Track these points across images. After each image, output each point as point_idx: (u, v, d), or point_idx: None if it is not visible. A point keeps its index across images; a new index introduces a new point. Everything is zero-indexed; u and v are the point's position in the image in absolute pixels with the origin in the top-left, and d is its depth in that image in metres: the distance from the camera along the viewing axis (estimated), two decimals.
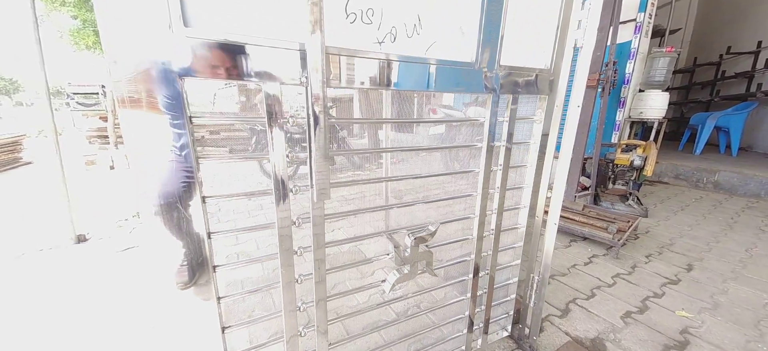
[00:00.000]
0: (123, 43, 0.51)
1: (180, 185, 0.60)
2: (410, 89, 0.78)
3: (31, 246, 2.40)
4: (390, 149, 1.58)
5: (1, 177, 5.09)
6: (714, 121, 5.03)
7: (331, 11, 0.65)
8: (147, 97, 0.54)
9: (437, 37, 0.78)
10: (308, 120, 0.64)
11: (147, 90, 0.54)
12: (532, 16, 0.91)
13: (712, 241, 2.39)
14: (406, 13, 0.73)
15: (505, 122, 0.97)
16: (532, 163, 1.10)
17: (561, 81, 1.01)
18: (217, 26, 0.56)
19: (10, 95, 41.87)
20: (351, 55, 0.69)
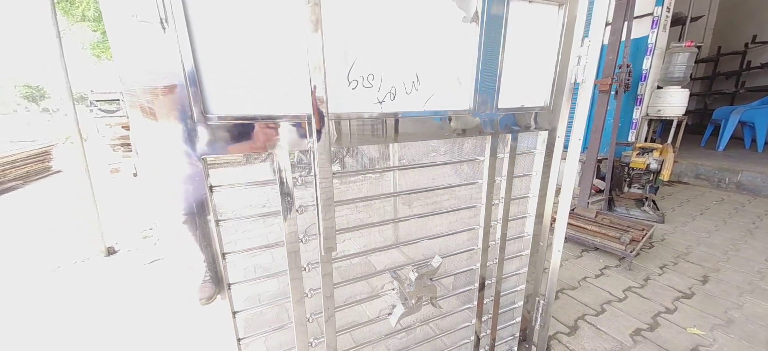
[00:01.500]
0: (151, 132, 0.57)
1: (195, 211, 0.65)
2: (410, 140, 0.82)
3: (66, 258, 2.59)
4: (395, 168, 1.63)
5: (33, 186, 5.42)
6: (738, 116, 4.81)
7: (334, 80, 0.70)
8: (172, 174, 0.60)
9: (435, 89, 0.82)
10: (315, 179, 0.69)
11: (173, 169, 0.60)
12: (530, 57, 0.93)
13: (730, 250, 2.33)
14: (404, 73, 0.77)
15: (505, 158, 0.99)
16: (535, 193, 1.12)
17: (562, 117, 1.02)
18: (234, 110, 0.62)
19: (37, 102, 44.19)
20: (353, 117, 0.73)
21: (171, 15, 0.52)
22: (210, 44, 0.58)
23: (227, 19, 0.58)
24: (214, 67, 0.59)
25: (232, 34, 0.59)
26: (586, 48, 0.94)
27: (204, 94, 0.59)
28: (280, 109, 0.67)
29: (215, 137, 0.61)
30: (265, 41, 0.62)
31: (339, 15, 0.67)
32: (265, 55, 0.63)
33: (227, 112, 0.62)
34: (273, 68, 0.64)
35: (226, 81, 0.61)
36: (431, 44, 0.78)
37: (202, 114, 0.59)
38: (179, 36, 0.53)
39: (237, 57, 0.61)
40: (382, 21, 0.71)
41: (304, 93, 0.67)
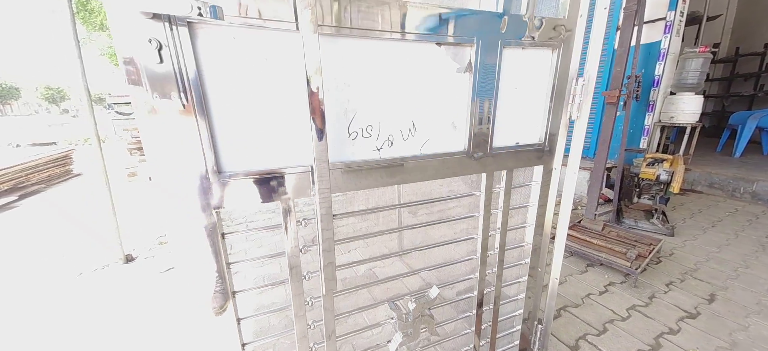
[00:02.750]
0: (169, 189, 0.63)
1: (208, 255, 0.71)
2: (408, 182, 0.87)
3: (88, 265, 2.73)
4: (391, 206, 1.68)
5: (55, 190, 5.68)
6: (755, 122, 4.67)
7: (335, 133, 0.75)
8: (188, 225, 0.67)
9: (431, 134, 0.87)
10: (318, 225, 0.75)
11: (188, 220, 0.67)
12: (524, 98, 0.96)
13: (740, 266, 2.29)
14: (401, 122, 0.82)
15: (500, 192, 1.03)
16: (532, 222, 1.15)
17: (557, 152, 1.05)
18: (245, 166, 0.68)
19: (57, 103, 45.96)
20: (353, 166, 0.79)
21: (190, 93, 0.58)
22: (224, 114, 0.64)
23: (238, 92, 0.64)
24: (227, 133, 0.65)
25: (243, 103, 0.65)
26: (581, 87, 0.97)
27: (218, 156, 0.65)
28: (286, 163, 0.72)
29: (228, 192, 0.67)
30: (271, 106, 0.68)
31: (340, 76, 0.72)
32: (272, 118, 0.69)
33: (239, 168, 0.68)
34: (279, 128, 0.70)
35: (238, 143, 0.67)
36: (426, 94, 0.83)
37: (216, 172, 0.65)
38: (197, 110, 0.59)
39: (247, 121, 0.67)
40: (380, 77, 0.76)
41: (307, 147, 0.72)
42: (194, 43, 0.57)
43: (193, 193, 0.64)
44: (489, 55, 0.84)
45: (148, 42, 0.52)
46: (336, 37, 0.69)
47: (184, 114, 0.59)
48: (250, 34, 0.62)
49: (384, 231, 0.94)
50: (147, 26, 0.52)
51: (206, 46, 0.59)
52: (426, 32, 0.75)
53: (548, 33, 0.89)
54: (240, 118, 0.66)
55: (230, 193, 0.68)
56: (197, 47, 0.58)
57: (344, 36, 0.70)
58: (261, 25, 0.61)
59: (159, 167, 0.61)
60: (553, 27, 0.89)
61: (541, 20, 0.86)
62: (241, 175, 0.68)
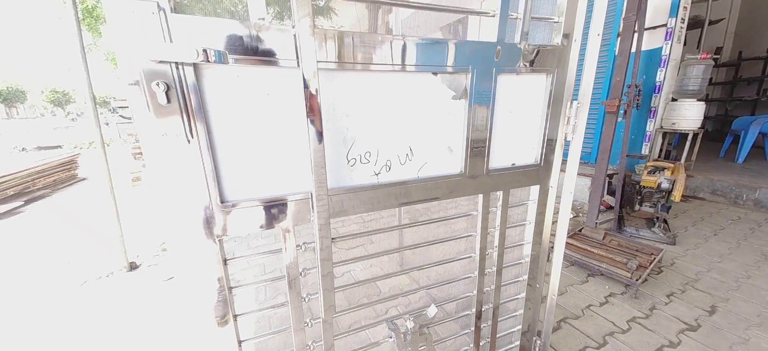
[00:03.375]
0: (173, 218, 0.66)
1: (210, 280, 0.73)
2: (405, 205, 0.89)
3: (92, 272, 2.77)
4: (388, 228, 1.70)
5: (61, 194, 5.74)
6: (758, 127, 4.65)
7: (334, 161, 0.77)
8: (191, 252, 0.69)
9: (427, 158, 0.89)
10: (317, 251, 0.77)
11: (191, 246, 0.69)
12: (519, 120, 0.98)
13: (742, 277, 2.28)
14: (399, 147, 0.84)
15: (497, 211, 1.05)
16: (529, 240, 1.16)
17: (554, 172, 1.07)
18: (246, 194, 0.71)
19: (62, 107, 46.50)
20: (352, 191, 0.81)
21: (195, 129, 0.61)
22: (227, 147, 0.66)
23: (241, 125, 0.67)
24: (230, 164, 0.68)
25: (246, 135, 0.68)
26: (575, 110, 0.99)
27: (221, 186, 0.68)
28: (287, 190, 0.75)
29: (230, 221, 0.70)
30: (273, 138, 0.71)
31: (339, 106, 0.75)
32: (273, 148, 0.71)
33: (241, 197, 0.70)
34: (280, 158, 0.73)
35: (241, 173, 0.69)
36: (423, 120, 0.85)
37: (219, 202, 0.67)
38: (201, 144, 0.62)
39: (249, 152, 0.69)
40: (378, 106, 0.79)
41: (306, 174, 0.75)
42: (199, 84, 0.60)
43: (197, 222, 0.67)
44: (484, 82, 0.86)
45: (155, 85, 0.55)
46: (336, 71, 0.72)
47: (189, 148, 0.62)
48: (253, 71, 0.64)
49: (384, 252, 0.96)
50: (155, 70, 0.54)
51: (211, 86, 0.61)
52: (422, 63, 0.78)
53: (542, 59, 0.91)
54: (243, 150, 0.68)
55: (233, 222, 0.70)
56: (202, 87, 0.60)
57: (343, 70, 0.72)
58: (264, 63, 0.64)
59: (164, 198, 0.63)
60: (546, 54, 0.91)
61: (535, 48, 0.88)
62: (243, 203, 0.70)
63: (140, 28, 0.52)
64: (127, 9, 0.51)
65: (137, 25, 0.51)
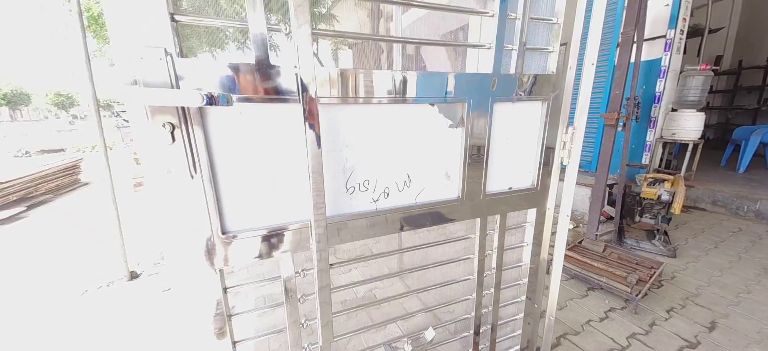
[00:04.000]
0: (175, 248, 0.68)
1: (210, 308, 0.75)
2: (403, 230, 0.90)
3: (93, 282, 2.78)
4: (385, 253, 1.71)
5: (63, 199, 5.77)
6: (759, 137, 4.65)
7: (333, 189, 0.79)
8: (193, 283, 0.71)
9: (425, 184, 0.90)
10: (315, 274, 0.78)
11: (193, 278, 0.71)
12: (516, 145, 1.00)
13: (742, 292, 2.28)
14: (397, 175, 0.86)
15: (495, 233, 1.06)
16: (526, 261, 1.17)
17: (551, 195, 1.08)
18: (248, 225, 0.72)
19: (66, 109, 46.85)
20: (350, 218, 0.82)
21: (199, 165, 0.62)
22: (229, 179, 0.68)
23: (243, 158, 0.69)
24: (232, 195, 0.70)
25: (247, 167, 0.70)
26: (571, 135, 1.00)
27: (223, 217, 0.69)
28: (286, 219, 0.76)
29: (231, 251, 0.71)
30: (273, 169, 0.72)
31: (339, 138, 0.77)
32: (274, 179, 0.73)
33: (242, 227, 0.72)
34: (280, 188, 0.74)
35: (242, 203, 0.71)
36: (421, 148, 0.87)
37: (221, 233, 0.69)
38: (204, 179, 0.64)
39: (251, 184, 0.71)
40: (377, 137, 0.81)
41: (306, 203, 0.76)
42: (204, 123, 0.62)
43: (199, 254, 0.68)
44: (481, 111, 0.88)
45: (161, 126, 0.57)
46: (336, 105, 0.74)
47: (192, 182, 0.64)
48: (256, 108, 0.66)
49: (383, 276, 0.97)
50: (162, 112, 0.56)
51: (215, 124, 0.63)
52: (421, 95, 0.80)
53: (538, 87, 0.93)
54: (244, 181, 0.70)
55: (233, 252, 0.72)
56: (207, 126, 0.62)
57: (344, 104, 0.74)
58: (266, 100, 0.66)
59: (167, 229, 0.65)
60: (542, 82, 0.93)
61: (530, 77, 0.90)
62: (244, 233, 0.72)
63: (148, 74, 0.54)
64: (135, 55, 0.53)
65: (145, 70, 0.54)
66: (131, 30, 0.53)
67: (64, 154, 11.68)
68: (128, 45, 0.52)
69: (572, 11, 0.89)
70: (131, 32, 0.53)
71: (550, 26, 0.94)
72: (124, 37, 0.52)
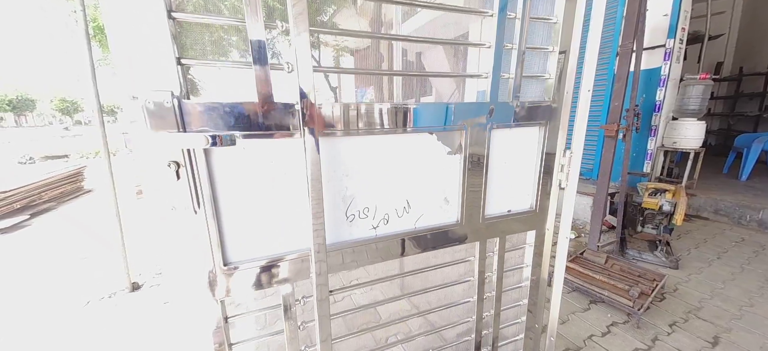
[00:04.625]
0: (178, 281, 0.69)
1: (210, 336, 0.77)
2: (402, 256, 0.91)
3: (95, 292, 2.79)
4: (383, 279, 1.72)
5: (67, 207, 5.80)
6: (761, 145, 4.64)
7: (333, 218, 0.81)
8: (194, 312, 0.72)
9: (424, 210, 0.92)
10: (314, 303, 0.79)
11: (195, 307, 0.72)
12: (514, 169, 1.01)
13: (745, 305, 2.26)
14: (396, 201, 0.87)
15: (494, 256, 1.07)
16: (527, 277, 1.18)
17: (549, 216, 1.09)
18: (249, 255, 0.74)
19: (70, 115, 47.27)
20: (349, 246, 0.84)
21: (202, 200, 0.64)
22: (232, 212, 0.70)
23: (245, 191, 0.70)
24: (234, 228, 0.71)
25: (249, 200, 0.71)
26: (568, 158, 1.01)
27: (225, 249, 0.71)
28: (287, 249, 0.78)
29: (232, 282, 0.73)
30: (274, 200, 0.74)
31: (339, 168, 0.78)
32: (275, 210, 0.75)
33: (243, 258, 0.73)
34: (281, 218, 0.76)
35: (244, 235, 0.73)
36: (420, 174, 0.88)
37: (223, 265, 0.70)
38: (207, 213, 0.65)
39: (252, 215, 0.72)
40: (377, 166, 0.82)
41: (307, 232, 0.78)
42: (208, 160, 0.64)
43: (202, 285, 0.70)
44: (478, 138, 0.89)
45: (167, 166, 0.58)
46: (337, 137, 0.75)
47: (195, 217, 0.65)
48: (258, 143, 0.68)
49: (384, 300, 0.98)
50: (168, 153, 0.58)
51: (219, 160, 0.65)
52: (420, 125, 0.81)
53: (535, 114, 0.95)
54: (246, 213, 0.72)
55: (235, 282, 0.73)
56: (211, 162, 0.64)
57: (345, 136, 0.76)
58: (269, 136, 0.67)
59: (171, 262, 0.67)
60: (539, 108, 0.95)
61: (527, 104, 0.92)
62: (245, 264, 0.73)
63: (155, 117, 0.56)
64: (143, 98, 0.55)
65: (153, 113, 0.55)
66: (139, 74, 0.55)
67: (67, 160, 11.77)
68: (136, 89, 0.54)
69: (568, 40, 0.91)
70: (139, 76, 0.55)
71: (547, 54, 0.95)
72: (132, 81, 0.54)
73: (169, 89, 0.56)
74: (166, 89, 0.56)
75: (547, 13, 0.94)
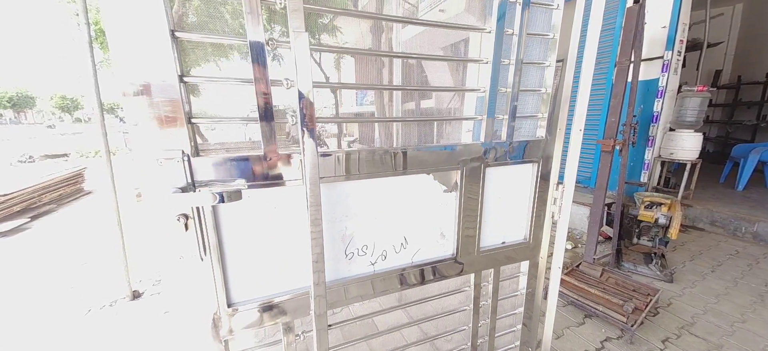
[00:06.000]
0: (183, 323, 0.72)
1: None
2: (400, 290, 0.95)
3: (96, 300, 2.82)
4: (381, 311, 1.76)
5: (66, 209, 5.81)
6: (758, 156, 4.69)
7: (333, 256, 0.84)
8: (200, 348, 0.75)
9: (421, 245, 0.95)
10: (314, 338, 0.83)
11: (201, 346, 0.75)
12: (508, 203, 1.04)
13: (737, 321, 2.30)
14: (394, 238, 0.90)
15: (488, 285, 1.10)
16: (521, 302, 1.21)
17: (543, 246, 1.12)
18: (252, 295, 0.77)
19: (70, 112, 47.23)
20: (349, 282, 0.87)
21: (209, 247, 0.67)
22: (236, 257, 0.73)
23: (250, 236, 0.73)
24: (238, 270, 0.74)
25: (253, 244, 0.74)
26: (561, 192, 1.05)
27: (229, 291, 0.74)
28: (288, 288, 0.81)
29: (235, 321, 0.76)
30: (277, 243, 0.77)
31: (339, 210, 0.81)
32: (277, 253, 0.78)
33: (247, 298, 0.77)
34: (283, 260, 0.79)
35: (247, 277, 0.76)
36: (417, 212, 0.91)
37: (226, 306, 0.74)
38: (213, 259, 0.69)
39: (256, 258, 0.76)
40: (376, 206, 0.85)
41: (307, 271, 0.81)
42: (215, 211, 0.67)
43: (206, 326, 0.73)
44: (474, 176, 0.92)
45: (176, 219, 0.61)
46: (338, 182, 0.78)
47: (201, 263, 0.68)
48: (263, 192, 0.71)
49: (380, 332, 1.01)
50: (177, 207, 0.61)
51: (225, 211, 0.68)
52: (418, 167, 0.84)
53: (528, 152, 0.98)
54: (249, 257, 0.75)
55: (237, 322, 0.76)
56: (218, 215, 0.67)
57: (345, 180, 0.79)
58: (273, 185, 0.71)
59: (176, 304, 0.70)
60: (532, 147, 0.98)
61: (520, 144, 0.95)
62: (248, 304, 0.76)
63: (167, 175, 0.59)
64: (155, 158, 0.58)
65: (165, 172, 0.58)
66: (152, 136, 0.58)
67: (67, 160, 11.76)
68: (149, 150, 0.57)
69: (561, 82, 0.94)
70: (152, 138, 0.58)
71: (539, 95, 0.99)
72: (145, 142, 0.57)
73: (180, 148, 0.59)
74: (177, 148, 0.59)
75: (544, 29, 0.95)
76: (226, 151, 0.64)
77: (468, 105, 1.94)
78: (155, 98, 0.56)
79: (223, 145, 0.96)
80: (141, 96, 0.55)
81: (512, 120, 0.91)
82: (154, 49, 0.54)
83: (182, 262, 0.66)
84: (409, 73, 4.54)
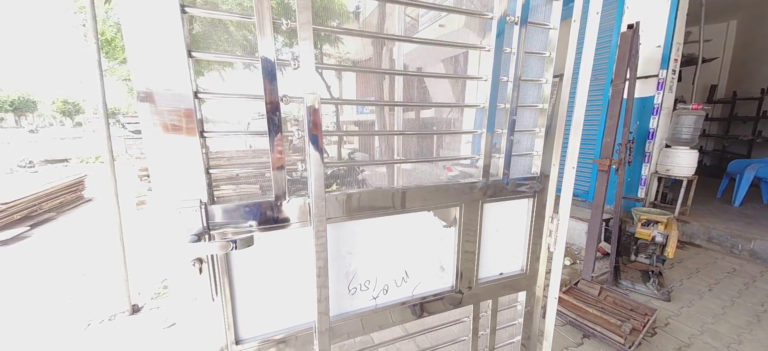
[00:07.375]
0: None
1: None
2: (401, 323, 0.98)
3: (95, 314, 2.82)
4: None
5: (66, 217, 5.82)
6: (753, 172, 4.74)
7: (336, 292, 0.87)
8: None
9: (421, 278, 0.98)
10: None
11: None
12: (506, 236, 1.08)
13: (733, 342, 2.32)
14: (395, 272, 0.94)
15: (486, 317, 1.13)
16: (518, 333, 1.24)
17: (539, 277, 1.16)
18: (258, 331, 0.80)
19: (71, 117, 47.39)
20: (351, 316, 0.90)
21: (220, 289, 0.71)
22: (245, 296, 0.77)
23: (259, 276, 0.77)
24: (246, 309, 0.78)
25: (262, 284, 0.78)
26: (556, 225, 1.09)
27: (237, 329, 0.77)
28: (293, 323, 0.84)
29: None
30: (284, 282, 0.81)
31: (343, 248, 0.85)
32: (284, 291, 0.81)
33: (254, 335, 0.80)
34: (289, 298, 0.82)
35: (255, 315, 0.79)
36: (417, 247, 0.95)
37: (235, 344, 0.77)
38: (223, 299, 0.72)
39: (264, 297, 0.79)
40: (378, 243, 0.89)
41: (312, 307, 0.84)
42: (228, 255, 0.70)
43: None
44: (471, 212, 0.96)
45: (191, 264, 0.65)
46: (342, 221, 0.82)
47: (212, 303, 0.72)
48: (272, 235, 0.75)
49: None
50: (193, 252, 0.65)
51: (237, 255, 0.72)
52: (418, 206, 0.88)
53: (524, 187, 1.02)
54: (258, 295, 0.78)
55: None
56: (230, 257, 0.71)
57: (349, 220, 0.83)
58: (282, 227, 0.75)
59: (186, 344, 0.73)
60: (528, 182, 1.02)
61: (517, 180, 0.99)
62: (255, 340, 0.80)
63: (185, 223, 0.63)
64: (174, 207, 0.62)
65: (183, 220, 0.62)
66: (172, 185, 0.62)
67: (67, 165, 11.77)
68: (169, 199, 0.61)
69: (555, 121, 0.99)
70: (172, 188, 0.62)
71: (533, 135, 1.03)
72: (165, 192, 0.61)
73: (198, 197, 0.63)
74: (195, 198, 0.63)
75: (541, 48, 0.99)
76: (239, 199, 0.68)
77: (467, 119, 1.98)
78: (178, 154, 0.60)
79: (236, 191, 1.00)
80: (167, 154, 0.59)
81: (509, 157, 0.95)
82: (180, 108, 0.59)
83: (194, 300, 0.69)
84: (411, 84, 4.60)
